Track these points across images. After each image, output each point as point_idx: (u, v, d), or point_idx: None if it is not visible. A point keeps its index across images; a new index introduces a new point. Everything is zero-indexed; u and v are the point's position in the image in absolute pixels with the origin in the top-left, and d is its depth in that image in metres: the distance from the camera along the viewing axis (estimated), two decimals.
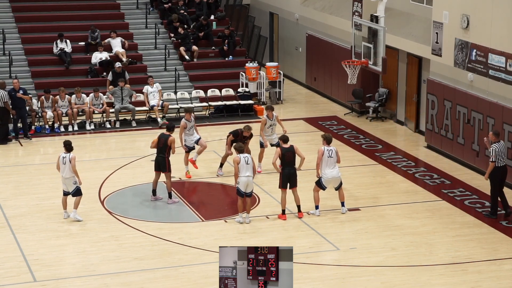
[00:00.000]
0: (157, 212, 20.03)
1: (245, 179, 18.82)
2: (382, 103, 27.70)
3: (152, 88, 27.72)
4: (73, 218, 19.08)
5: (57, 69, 29.41)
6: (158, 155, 20.25)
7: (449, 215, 19.69)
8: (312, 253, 17.52)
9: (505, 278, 16.42)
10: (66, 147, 18.99)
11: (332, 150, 19.15)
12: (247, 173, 18.82)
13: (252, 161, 19.02)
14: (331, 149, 19.15)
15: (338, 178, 19.27)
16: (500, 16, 21.44)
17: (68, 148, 18.96)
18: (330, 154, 19.13)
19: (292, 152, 19.14)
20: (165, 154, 20.13)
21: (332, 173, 19.16)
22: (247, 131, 21.59)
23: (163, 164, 20.13)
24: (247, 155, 18.99)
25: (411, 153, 24.44)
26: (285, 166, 19.11)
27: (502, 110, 21.56)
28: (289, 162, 19.07)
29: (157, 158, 20.26)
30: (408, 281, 16.29)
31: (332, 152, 19.14)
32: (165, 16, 32.16)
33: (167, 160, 20.15)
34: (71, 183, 19.03)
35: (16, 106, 25.39)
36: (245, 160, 18.84)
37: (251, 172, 18.92)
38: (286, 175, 19.09)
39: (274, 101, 29.97)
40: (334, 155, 19.14)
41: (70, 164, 18.80)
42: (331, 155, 19.11)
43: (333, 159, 19.11)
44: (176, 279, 16.39)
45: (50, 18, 31.60)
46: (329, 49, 30.02)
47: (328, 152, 19.13)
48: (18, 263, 17.04)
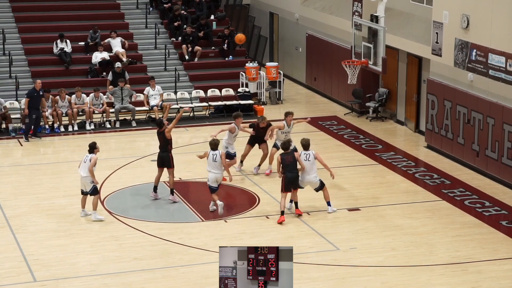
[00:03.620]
0: (157, 212, 20.02)
1: (213, 175, 19.28)
2: (382, 103, 27.70)
3: (153, 90, 27.69)
4: (94, 219, 19.17)
5: (57, 69, 29.41)
6: (161, 152, 20.31)
7: (449, 215, 19.69)
8: (312, 253, 17.52)
9: (505, 278, 16.42)
10: (89, 148, 19.36)
11: (309, 154, 19.18)
12: (214, 170, 19.20)
13: (220, 158, 19.21)
14: (308, 153, 19.19)
15: (315, 183, 19.33)
16: (500, 16, 21.44)
17: (90, 150, 19.30)
18: (307, 157, 19.16)
19: (292, 156, 19.12)
20: (168, 150, 20.22)
21: (309, 177, 19.20)
22: (262, 121, 21.96)
23: (167, 160, 20.26)
24: (216, 153, 19.28)
25: (411, 153, 24.44)
26: (286, 171, 19.07)
27: (502, 110, 21.55)
28: (289, 165, 19.05)
29: (161, 155, 20.33)
30: (408, 281, 16.29)
31: (309, 156, 19.16)
32: (165, 16, 32.17)
33: (171, 155, 20.27)
34: (88, 182, 19.17)
35: (33, 106, 25.59)
36: (213, 157, 19.24)
37: (219, 169, 19.25)
38: (290, 178, 19.04)
39: (274, 101, 29.97)
40: (312, 158, 19.14)
41: (89, 163, 19.07)
42: (308, 159, 19.15)
43: (310, 162, 19.14)
44: (176, 279, 16.39)
45: (50, 18, 31.59)
46: (329, 49, 30.02)
47: (306, 156, 19.17)
48: (18, 263, 17.03)
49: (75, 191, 21.04)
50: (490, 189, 21.40)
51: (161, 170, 20.43)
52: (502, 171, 21.65)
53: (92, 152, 19.28)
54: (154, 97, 27.66)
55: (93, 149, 19.31)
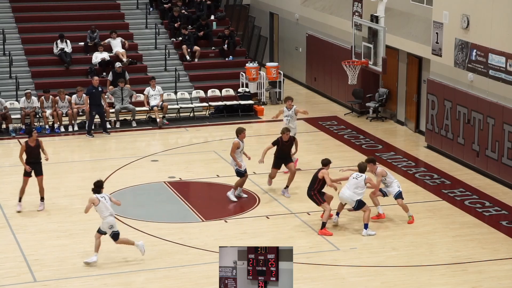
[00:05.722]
0: (157, 212, 20.01)
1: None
2: (382, 103, 27.70)
3: (153, 91, 27.69)
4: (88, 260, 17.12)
5: (57, 69, 29.42)
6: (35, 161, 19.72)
7: (449, 215, 19.69)
8: (312, 253, 17.52)
9: (506, 278, 16.42)
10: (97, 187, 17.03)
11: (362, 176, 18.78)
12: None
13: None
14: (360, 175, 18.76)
15: (350, 202, 18.87)
16: (500, 16, 21.44)
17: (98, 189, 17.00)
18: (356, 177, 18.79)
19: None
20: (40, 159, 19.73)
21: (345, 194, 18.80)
22: (285, 133, 20.56)
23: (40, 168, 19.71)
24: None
25: (411, 153, 24.44)
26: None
27: (502, 110, 21.55)
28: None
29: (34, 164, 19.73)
30: (409, 281, 16.29)
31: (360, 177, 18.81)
32: (165, 16, 32.16)
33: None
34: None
35: (94, 103, 25.93)
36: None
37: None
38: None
39: (274, 101, 29.97)
40: (361, 179, 18.74)
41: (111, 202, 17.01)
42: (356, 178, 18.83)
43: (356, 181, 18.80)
44: (177, 279, 16.39)
45: (50, 18, 31.58)
46: (329, 49, 30.01)
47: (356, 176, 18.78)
48: (18, 263, 17.04)
49: (75, 191, 21.09)
50: (490, 189, 21.40)
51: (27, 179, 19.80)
52: (502, 171, 21.65)
53: (99, 191, 16.95)
54: (154, 97, 27.66)
55: (101, 188, 17.05)
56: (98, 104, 26.00)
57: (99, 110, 26.03)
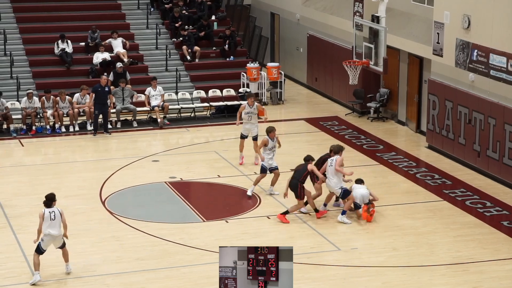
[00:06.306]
0: (158, 212, 20.01)
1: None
2: (383, 103, 27.68)
3: (154, 91, 27.68)
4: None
5: (58, 69, 29.42)
6: None
7: (450, 216, 19.68)
8: (313, 253, 17.51)
9: (507, 278, 16.41)
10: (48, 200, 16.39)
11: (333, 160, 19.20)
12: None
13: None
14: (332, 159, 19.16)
15: (335, 191, 19.34)
16: (501, 16, 21.43)
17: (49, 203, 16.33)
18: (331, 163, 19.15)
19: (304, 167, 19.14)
20: None
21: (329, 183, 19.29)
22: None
23: None
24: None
25: (412, 153, 24.42)
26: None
27: (503, 110, 21.54)
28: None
29: None
30: (409, 281, 16.28)
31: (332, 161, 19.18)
32: (166, 17, 32.17)
33: None
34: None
35: (98, 102, 25.88)
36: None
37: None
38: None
39: (275, 101, 29.96)
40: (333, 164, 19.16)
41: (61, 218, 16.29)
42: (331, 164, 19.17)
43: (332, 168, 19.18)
44: (177, 279, 16.39)
45: (51, 19, 31.59)
46: (330, 49, 30.01)
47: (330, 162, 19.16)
48: (19, 264, 17.03)
49: (76, 192, 21.09)
50: (491, 189, 21.39)
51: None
52: (503, 171, 21.64)
53: (50, 206, 16.32)
54: (155, 97, 27.65)
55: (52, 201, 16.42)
56: (103, 104, 25.96)
57: (104, 109, 25.99)
